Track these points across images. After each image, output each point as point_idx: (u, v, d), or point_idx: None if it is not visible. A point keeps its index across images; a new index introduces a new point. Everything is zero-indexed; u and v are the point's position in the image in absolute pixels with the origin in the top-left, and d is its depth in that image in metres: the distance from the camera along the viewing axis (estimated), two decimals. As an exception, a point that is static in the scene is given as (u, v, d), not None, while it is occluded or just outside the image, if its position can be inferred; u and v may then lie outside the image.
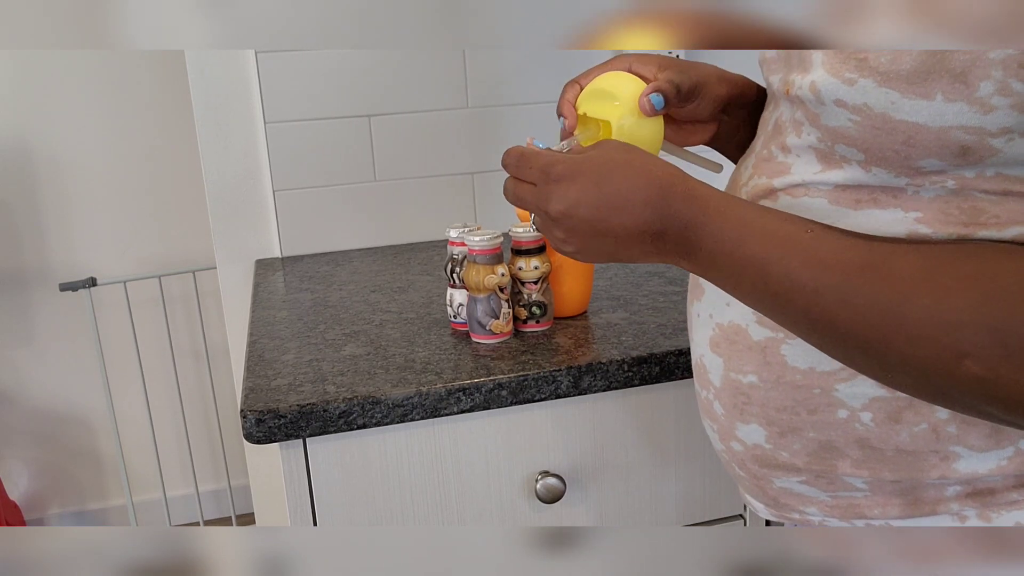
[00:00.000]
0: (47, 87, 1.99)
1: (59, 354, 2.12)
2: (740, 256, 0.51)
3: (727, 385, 0.62)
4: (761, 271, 0.51)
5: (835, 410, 0.56)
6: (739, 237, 0.51)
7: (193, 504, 2.27)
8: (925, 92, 0.46)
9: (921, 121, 0.47)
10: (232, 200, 1.39)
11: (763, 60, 0.62)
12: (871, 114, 0.49)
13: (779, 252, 0.50)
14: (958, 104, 0.46)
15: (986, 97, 0.45)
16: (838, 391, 0.56)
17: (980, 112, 0.45)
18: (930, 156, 0.48)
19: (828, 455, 0.58)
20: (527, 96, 1.44)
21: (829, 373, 0.56)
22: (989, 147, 0.47)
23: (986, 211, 0.49)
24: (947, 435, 0.53)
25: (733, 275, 0.52)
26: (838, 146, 0.52)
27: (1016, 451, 0.53)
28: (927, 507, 0.56)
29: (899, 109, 0.47)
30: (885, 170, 0.51)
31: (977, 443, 0.53)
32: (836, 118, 0.51)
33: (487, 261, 0.89)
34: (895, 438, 0.55)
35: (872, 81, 0.48)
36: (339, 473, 0.84)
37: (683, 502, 0.94)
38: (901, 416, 0.54)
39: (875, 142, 0.50)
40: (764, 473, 0.62)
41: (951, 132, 0.47)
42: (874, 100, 0.48)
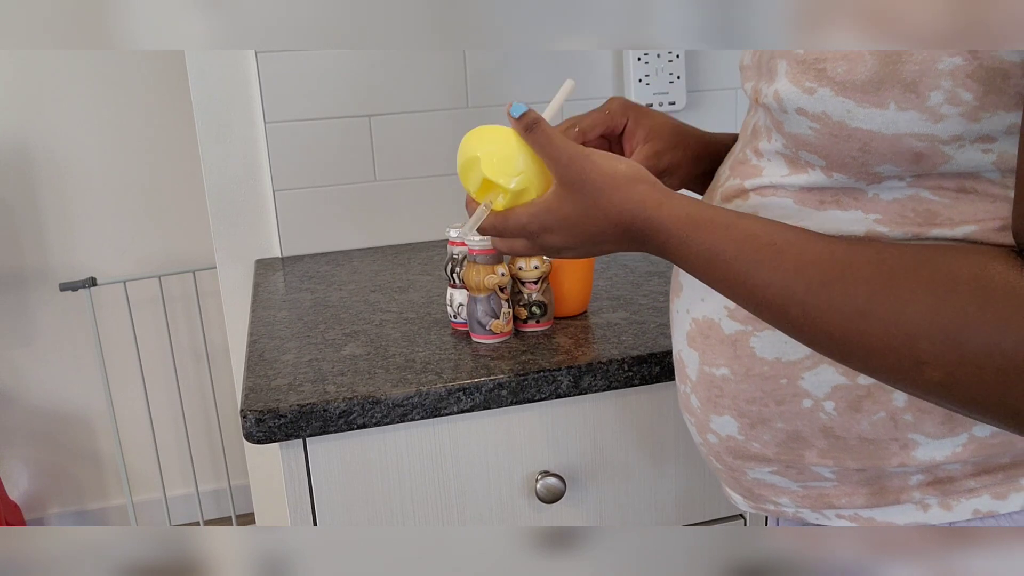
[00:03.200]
0: (47, 87, 1.99)
1: (59, 354, 2.12)
2: (715, 267, 0.55)
3: (702, 379, 0.64)
4: (736, 280, 0.54)
5: (800, 400, 0.58)
6: (711, 250, 0.55)
7: (193, 504, 2.27)
8: (879, 101, 0.48)
9: (875, 129, 0.49)
10: (232, 200, 1.39)
11: (742, 67, 0.64)
12: (829, 122, 0.51)
13: (748, 263, 0.53)
14: (910, 112, 0.48)
15: (936, 106, 0.47)
16: (803, 380, 0.58)
17: (931, 120, 0.48)
18: (886, 162, 0.51)
19: (796, 445, 0.60)
20: (527, 96, 1.44)
21: (794, 363, 0.58)
22: (941, 153, 0.49)
23: (940, 213, 0.52)
24: (904, 423, 0.55)
25: (710, 283, 0.56)
26: (801, 152, 0.55)
27: (970, 437, 0.55)
28: (891, 496, 0.58)
29: (855, 117, 0.50)
30: (845, 175, 0.53)
31: (932, 430, 0.55)
32: (798, 126, 0.53)
33: (487, 261, 0.89)
34: (856, 427, 0.57)
35: (830, 90, 0.50)
36: (339, 473, 0.84)
37: (683, 502, 0.94)
38: (861, 405, 0.56)
39: (834, 149, 0.52)
40: (738, 464, 0.64)
41: (904, 139, 0.49)
42: (832, 109, 0.50)
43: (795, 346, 0.58)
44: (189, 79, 1.34)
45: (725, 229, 0.54)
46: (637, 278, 1.13)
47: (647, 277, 1.14)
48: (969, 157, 0.49)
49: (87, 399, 2.17)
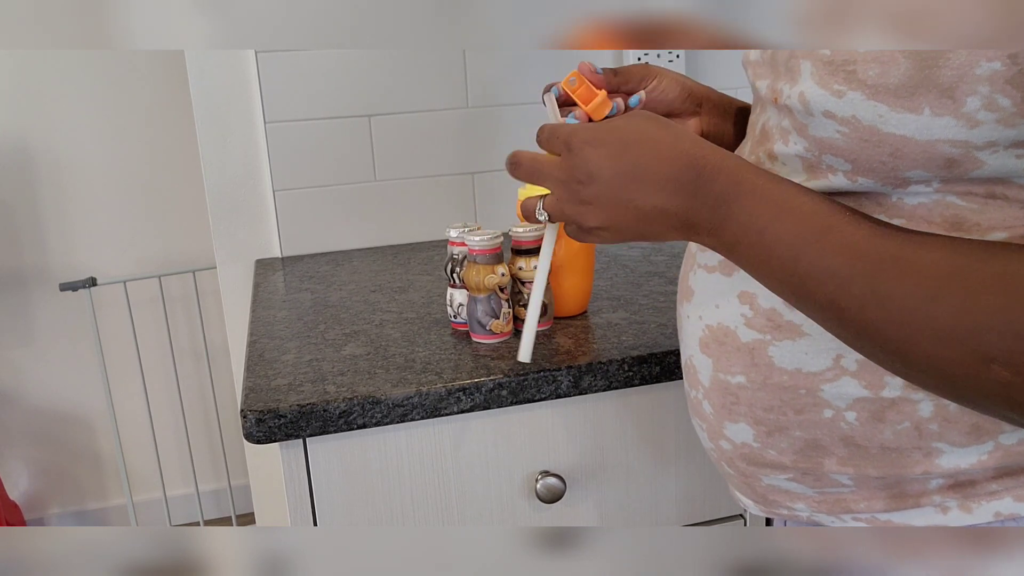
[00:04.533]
0: (47, 87, 1.99)
1: (59, 354, 2.12)
2: (771, 235, 0.51)
3: (716, 385, 0.62)
4: (791, 253, 0.50)
5: (821, 410, 0.57)
6: (772, 215, 0.51)
7: (193, 504, 2.27)
8: (913, 106, 0.47)
9: (908, 134, 0.48)
10: (232, 200, 1.39)
11: (747, 62, 0.62)
12: (859, 126, 0.49)
13: (813, 235, 0.49)
14: (945, 118, 0.46)
15: (973, 112, 0.45)
16: (823, 392, 0.56)
17: (967, 126, 0.46)
18: (917, 168, 0.49)
19: (814, 453, 0.58)
20: (527, 96, 1.44)
21: (815, 374, 0.56)
22: (975, 159, 0.47)
23: (968, 219, 0.50)
24: (929, 432, 0.54)
25: (761, 254, 0.51)
26: (825, 156, 0.53)
27: (996, 445, 0.53)
28: (911, 500, 0.57)
29: (887, 122, 0.48)
30: (871, 180, 0.51)
31: (959, 439, 0.54)
32: (824, 129, 0.51)
33: (487, 261, 0.89)
34: (879, 436, 0.55)
35: (861, 94, 0.48)
36: (339, 473, 0.84)
37: (683, 502, 0.94)
38: (884, 415, 0.55)
39: (863, 153, 0.50)
40: (752, 471, 0.63)
41: (938, 145, 0.47)
42: (862, 113, 0.49)
43: (815, 356, 0.56)
44: (189, 79, 1.34)
45: (796, 191, 0.51)
46: (637, 278, 1.13)
47: (647, 277, 1.14)
48: (1002, 163, 0.47)
49: (87, 399, 2.17)
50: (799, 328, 0.57)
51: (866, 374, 0.55)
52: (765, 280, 0.52)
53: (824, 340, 0.56)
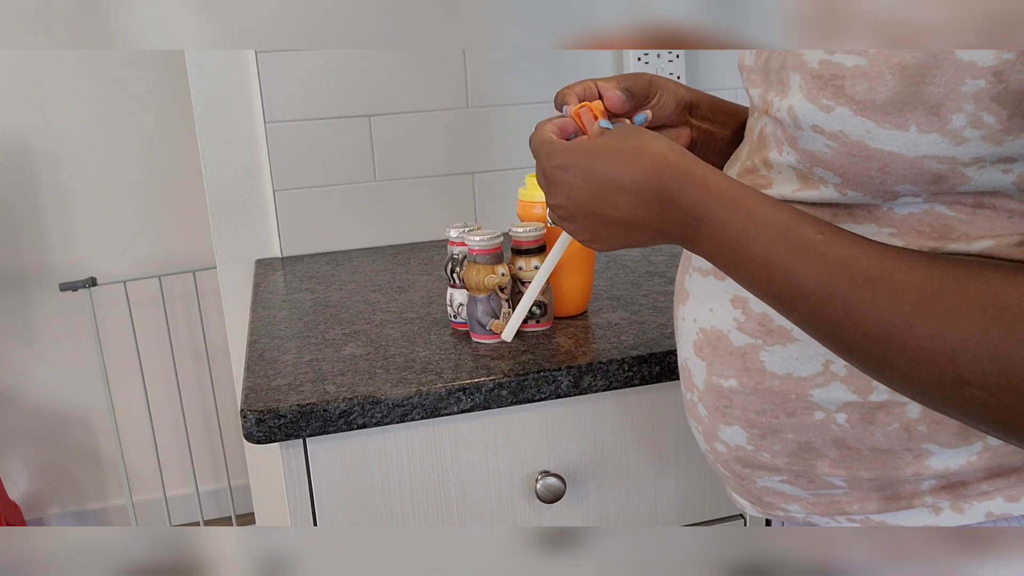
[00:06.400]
0: (47, 87, 1.99)
1: (59, 354, 2.12)
2: (744, 253, 0.51)
3: (709, 388, 0.63)
4: (765, 272, 0.50)
5: (812, 413, 0.57)
6: (745, 233, 0.51)
7: (193, 504, 2.27)
8: (900, 123, 0.47)
9: (896, 150, 0.48)
10: (232, 200, 1.39)
11: (742, 67, 0.62)
12: (847, 141, 0.49)
13: (785, 254, 0.49)
14: (931, 135, 0.46)
15: (958, 129, 0.46)
16: (813, 396, 0.57)
17: (953, 143, 0.46)
18: (905, 182, 0.49)
19: (807, 455, 0.59)
20: (527, 96, 1.44)
21: (805, 379, 0.57)
22: (961, 175, 0.48)
23: (956, 228, 0.50)
24: (919, 434, 0.55)
25: (736, 271, 0.52)
26: (816, 168, 0.53)
27: (984, 446, 0.54)
28: (903, 501, 0.57)
29: (875, 138, 0.48)
30: (861, 193, 0.52)
31: (947, 440, 0.54)
32: (813, 143, 0.52)
33: (487, 261, 0.89)
34: (869, 438, 0.56)
35: (848, 110, 0.48)
36: (339, 473, 0.84)
37: (683, 502, 0.94)
38: (874, 417, 0.56)
39: (851, 168, 0.50)
40: (747, 473, 0.64)
41: (925, 162, 0.48)
42: (850, 128, 0.49)
43: (805, 362, 0.56)
44: (189, 79, 1.34)
45: (771, 207, 0.51)
46: (637, 278, 1.13)
47: (647, 277, 1.14)
48: (989, 178, 0.48)
49: (87, 399, 2.17)
50: (789, 333, 0.57)
51: (855, 379, 0.56)
52: (748, 290, 0.53)
53: (814, 346, 0.56)
